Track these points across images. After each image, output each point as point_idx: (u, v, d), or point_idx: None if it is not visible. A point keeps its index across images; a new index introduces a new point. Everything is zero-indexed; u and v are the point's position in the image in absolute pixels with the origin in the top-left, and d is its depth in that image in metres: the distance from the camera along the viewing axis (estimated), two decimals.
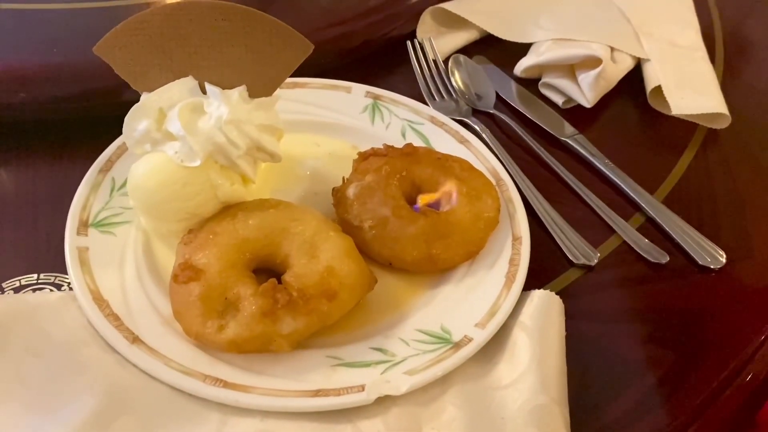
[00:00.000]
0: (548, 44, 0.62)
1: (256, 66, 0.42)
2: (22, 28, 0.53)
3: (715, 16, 0.76)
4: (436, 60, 0.61)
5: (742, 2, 0.80)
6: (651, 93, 0.60)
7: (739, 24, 0.76)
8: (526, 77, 0.62)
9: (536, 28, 0.65)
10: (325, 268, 0.38)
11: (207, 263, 0.38)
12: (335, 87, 0.55)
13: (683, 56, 0.64)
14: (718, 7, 0.77)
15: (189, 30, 0.41)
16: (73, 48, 0.52)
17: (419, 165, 0.46)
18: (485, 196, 0.45)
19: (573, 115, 0.59)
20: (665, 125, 0.60)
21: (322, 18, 0.61)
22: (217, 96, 0.41)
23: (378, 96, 0.55)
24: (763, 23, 0.77)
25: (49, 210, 0.46)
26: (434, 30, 0.65)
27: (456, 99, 0.58)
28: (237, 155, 0.41)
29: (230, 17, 0.41)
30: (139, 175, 0.40)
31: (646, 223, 0.51)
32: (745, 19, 0.77)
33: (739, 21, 0.76)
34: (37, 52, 0.51)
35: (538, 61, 0.60)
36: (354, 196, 0.44)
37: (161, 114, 0.41)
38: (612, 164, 0.54)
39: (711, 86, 0.60)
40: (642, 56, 0.62)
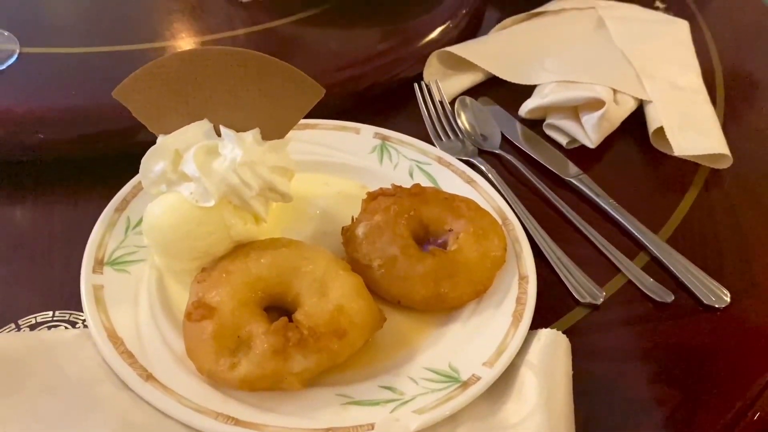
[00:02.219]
0: (552, 86, 0.64)
1: (269, 109, 0.44)
2: (42, 71, 0.55)
3: (715, 57, 0.78)
4: (443, 101, 0.63)
5: (741, 44, 0.82)
6: (653, 134, 0.62)
7: (739, 65, 0.77)
8: (530, 118, 0.63)
9: (540, 70, 0.67)
10: (335, 307, 0.39)
11: (220, 301, 0.38)
12: (344, 128, 0.57)
13: (685, 98, 0.65)
14: (718, 50, 0.79)
15: (205, 75, 0.43)
16: (91, 90, 0.54)
17: (427, 205, 0.47)
18: (492, 235, 0.46)
19: (577, 155, 0.60)
20: (668, 165, 0.61)
21: (333, 61, 0.63)
22: (232, 138, 0.42)
23: (386, 137, 0.56)
24: (763, 64, 0.79)
25: (65, 247, 0.47)
26: (441, 72, 0.67)
27: (462, 139, 0.60)
28: (250, 196, 0.42)
29: (245, 63, 0.43)
30: (155, 214, 0.41)
31: (650, 262, 0.51)
32: (744, 61, 0.79)
33: (739, 62, 0.78)
34: (56, 95, 0.53)
35: (542, 103, 0.62)
36: (363, 236, 0.45)
37: (177, 156, 0.42)
38: (616, 204, 0.54)
39: (712, 127, 0.62)
40: (644, 98, 0.64)
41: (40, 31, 0.60)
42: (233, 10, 0.66)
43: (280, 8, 0.67)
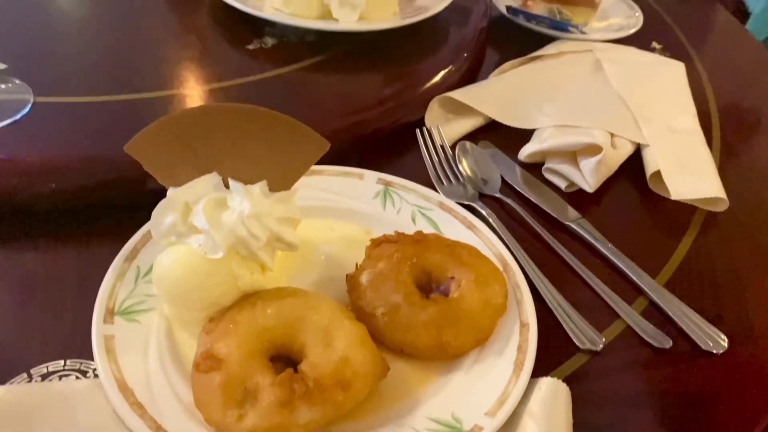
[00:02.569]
0: (550, 131, 0.65)
1: (276, 162, 0.45)
2: (54, 121, 0.57)
3: (711, 99, 0.79)
4: (444, 146, 0.64)
5: (736, 85, 0.84)
6: (651, 177, 0.63)
7: (735, 106, 0.79)
8: (530, 162, 0.65)
9: (539, 114, 0.68)
10: (339, 358, 0.40)
11: (228, 353, 0.39)
12: (348, 174, 0.58)
13: (681, 141, 0.66)
14: (714, 91, 0.81)
15: (214, 130, 0.44)
16: (103, 139, 0.55)
17: (429, 252, 0.48)
18: (493, 282, 0.47)
19: (576, 198, 0.62)
20: (666, 208, 0.62)
21: (339, 107, 0.64)
22: (240, 191, 0.44)
23: (389, 183, 0.57)
24: (758, 105, 0.81)
25: (76, 295, 0.48)
26: (442, 117, 0.69)
27: (463, 183, 0.61)
28: (257, 247, 0.43)
29: (252, 118, 0.44)
30: (164, 266, 0.43)
31: (649, 306, 0.52)
32: (740, 101, 0.81)
33: (734, 103, 0.80)
34: (68, 144, 0.55)
35: (541, 148, 0.63)
36: (367, 283, 0.46)
37: (187, 208, 0.43)
38: (615, 248, 0.56)
39: (709, 170, 0.63)
40: (641, 141, 0.65)
41: (54, 80, 0.61)
42: (241, 57, 0.68)
43: (286, 55, 0.69)
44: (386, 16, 0.74)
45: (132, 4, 0.76)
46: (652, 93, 0.72)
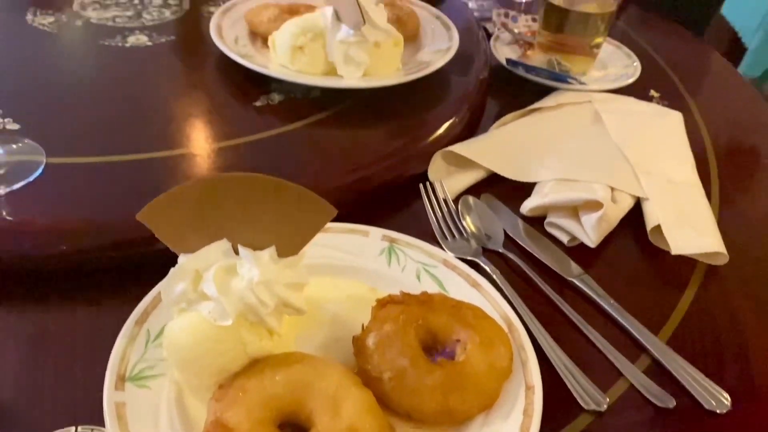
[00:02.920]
0: (551, 184, 0.66)
1: (284, 229, 0.46)
2: (65, 182, 0.58)
3: (709, 148, 0.81)
4: (447, 200, 0.65)
5: (734, 134, 0.85)
6: (651, 231, 0.64)
7: (733, 155, 0.81)
8: (532, 216, 0.66)
9: (540, 167, 0.70)
10: (347, 427, 0.40)
11: (237, 422, 0.40)
12: (354, 231, 0.59)
13: (680, 193, 0.68)
14: (712, 140, 0.82)
15: (224, 198, 0.45)
16: (113, 200, 0.57)
17: (435, 313, 0.49)
18: (498, 344, 0.48)
19: (578, 252, 0.62)
20: (666, 262, 0.63)
21: (345, 163, 0.66)
22: (249, 258, 0.45)
23: (394, 240, 0.58)
24: (756, 155, 0.82)
25: (87, 357, 0.48)
26: (444, 170, 0.70)
27: (467, 238, 0.62)
28: (266, 313, 0.44)
29: (261, 187, 0.45)
30: (175, 333, 0.43)
31: (652, 364, 0.53)
32: (737, 151, 0.82)
33: (732, 152, 0.81)
34: (79, 206, 0.56)
35: (542, 203, 0.64)
36: (373, 346, 0.47)
37: (197, 275, 0.44)
38: (617, 305, 0.56)
39: (708, 224, 0.64)
40: (641, 195, 0.66)
41: (65, 140, 0.63)
42: (248, 114, 0.70)
43: (293, 112, 0.71)
44: (389, 71, 0.76)
45: (141, 63, 0.78)
46: (650, 145, 0.74)
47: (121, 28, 0.83)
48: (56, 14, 0.85)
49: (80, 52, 0.78)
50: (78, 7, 0.87)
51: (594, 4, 0.87)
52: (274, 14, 0.79)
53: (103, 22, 0.84)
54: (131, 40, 0.80)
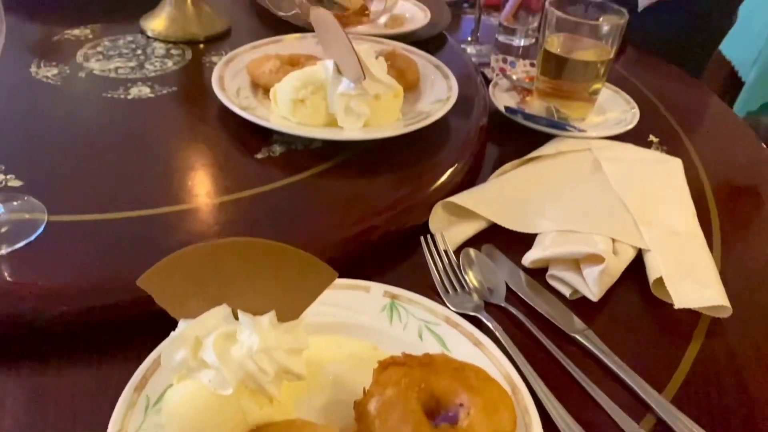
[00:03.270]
0: (552, 236, 0.66)
1: (285, 293, 0.46)
2: (66, 241, 0.58)
3: (710, 195, 0.81)
4: (448, 252, 0.65)
5: (732, 179, 0.86)
6: (654, 283, 0.64)
7: (733, 203, 0.81)
8: (533, 268, 0.66)
9: (540, 218, 0.70)
10: None
11: None
12: (355, 287, 0.59)
13: (682, 244, 0.67)
14: (712, 187, 0.82)
15: (224, 263, 0.45)
16: (113, 260, 0.57)
17: (437, 376, 0.49)
18: (502, 408, 0.47)
19: (580, 305, 0.62)
20: (670, 314, 0.62)
21: (347, 215, 0.66)
22: (249, 324, 0.44)
23: (395, 296, 0.58)
24: (757, 202, 0.82)
25: (87, 422, 0.48)
26: (445, 220, 0.70)
27: (469, 292, 0.62)
28: (266, 381, 0.44)
29: (261, 251, 0.45)
30: (174, 403, 0.43)
31: (657, 424, 0.52)
32: (738, 198, 0.82)
33: (733, 199, 0.81)
34: (79, 266, 0.56)
35: (543, 255, 0.64)
36: (375, 412, 0.46)
37: (197, 342, 0.44)
38: (621, 362, 0.56)
39: (711, 276, 0.64)
40: (643, 247, 0.66)
41: (66, 196, 0.63)
42: (250, 167, 0.70)
43: (294, 163, 0.71)
44: (390, 122, 0.77)
45: (143, 116, 0.78)
46: (651, 194, 0.74)
47: (124, 80, 0.84)
48: (60, 66, 0.86)
49: (83, 105, 0.79)
50: (81, 59, 0.88)
51: (591, 51, 0.88)
52: (276, 66, 0.80)
53: (105, 74, 0.85)
54: (133, 91, 0.81)
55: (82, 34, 0.95)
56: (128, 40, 0.94)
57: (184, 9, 0.96)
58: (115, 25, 0.99)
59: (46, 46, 0.92)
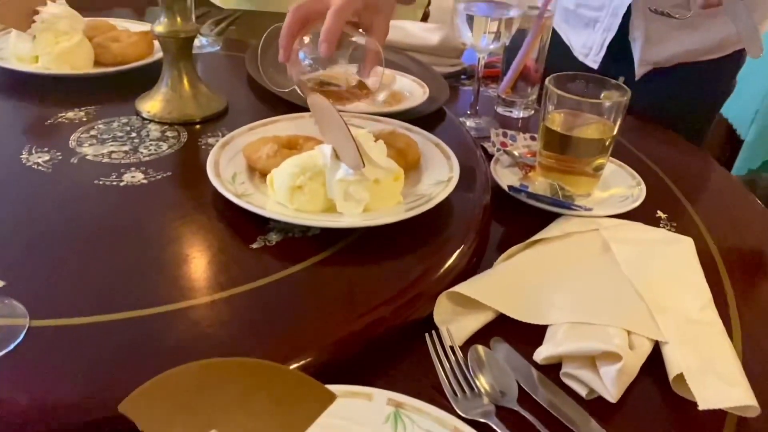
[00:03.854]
0: (565, 329, 0.63)
1: (280, 417, 0.42)
2: (49, 348, 0.55)
3: (725, 276, 0.78)
4: (455, 350, 0.62)
5: (749, 260, 0.83)
6: (674, 380, 0.60)
7: (750, 284, 0.77)
8: (546, 364, 0.62)
9: (550, 308, 0.66)
10: None
11: None
12: (356, 394, 0.55)
13: (701, 335, 0.64)
14: (727, 268, 0.79)
15: (213, 385, 0.42)
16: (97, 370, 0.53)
17: None
18: None
19: (598, 405, 0.58)
20: (693, 413, 0.57)
21: (347, 311, 0.63)
22: None
23: (400, 404, 0.54)
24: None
25: None
26: (450, 312, 0.66)
27: (478, 394, 0.58)
28: None
29: (256, 373, 0.42)
30: None
31: None
32: (754, 279, 0.79)
33: (749, 280, 0.78)
34: (60, 379, 0.52)
35: (556, 352, 0.61)
36: None
37: None
38: None
39: (735, 371, 0.60)
40: (660, 339, 0.63)
41: (52, 298, 0.60)
42: (245, 259, 0.67)
43: (291, 253, 0.68)
44: (391, 205, 0.75)
45: (134, 205, 0.76)
46: (664, 278, 0.71)
47: (117, 165, 0.82)
48: (52, 151, 0.84)
49: (73, 194, 0.76)
50: (74, 143, 0.86)
51: (594, 127, 0.86)
52: (273, 150, 0.78)
53: (98, 159, 0.83)
54: (126, 177, 0.79)
55: (77, 117, 0.94)
56: (123, 123, 0.93)
57: (180, 90, 0.95)
58: (110, 106, 0.98)
59: (39, 131, 0.90)
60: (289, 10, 0.84)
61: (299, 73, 0.85)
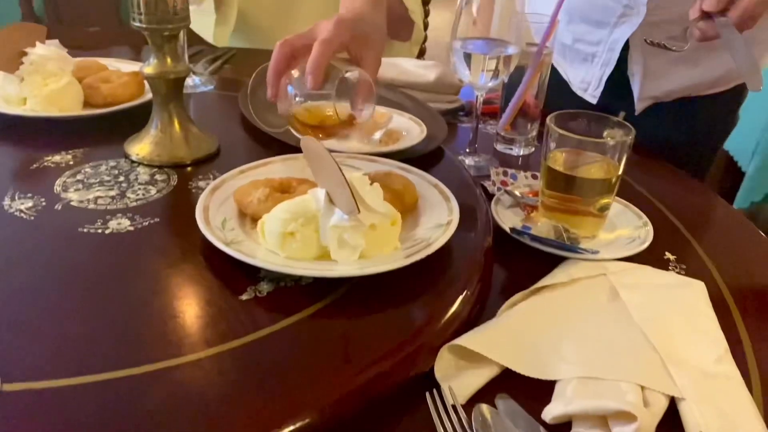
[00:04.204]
0: (574, 384, 0.59)
1: None
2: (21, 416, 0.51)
3: (739, 323, 0.74)
4: (458, 409, 0.58)
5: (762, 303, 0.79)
6: None
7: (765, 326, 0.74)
8: (555, 423, 0.58)
9: (559, 361, 0.63)
10: None
11: None
12: None
13: (719, 390, 0.60)
14: (741, 314, 0.75)
15: None
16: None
17: None
18: None
19: None
20: None
21: (344, 368, 0.59)
22: None
23: None
24: None
25: None
26: (453, 366, 0.63)
27: None
28: None
29: None
30: None
31: None
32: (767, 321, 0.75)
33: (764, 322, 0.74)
34: None
35: (566, 411, 0.57)
36: None
37: None
38: None
39: (756, 426, 0.56)
40: (676, 394, 0.59)
41: (27, 358, 0.56)
42: (234, 312, 0.63)
43: (283, 304, 0.65)
44: (388, 251, 0.71)
45: (119, 254, 0.72)
46: (677, 327, 0.67)
47: (103, 211, 0.78)
48: (36, 197, 0.81)
49: (55, 243, 0.73)
50: (60, 188, 0.83)
51: (598, 166, 0.84)
52: (264, 194, 0.75)
53: (84, 205, 0.80)
54: (112, 224, 0.76)
55: (63, 161, 0.91)
56: (111, 166, 0.90)
57: (170, 132, 0.92)
58: (99, 149, 0.95)
59: (24, 175, 0.87)
60: (276, 46, 0.82)
61: (289, 107, 0.83)
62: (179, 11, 0.86)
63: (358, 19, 0.84)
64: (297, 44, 0.81)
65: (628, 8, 1.17)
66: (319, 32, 0.81)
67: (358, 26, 0.83)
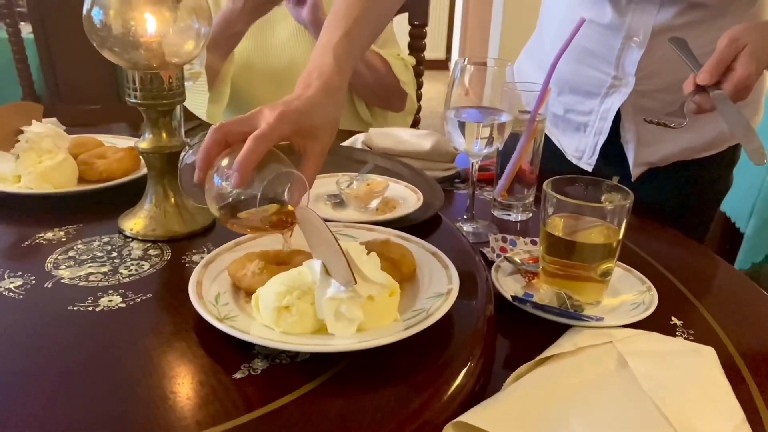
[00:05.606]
0: None
1: None
2: None
3: (753, 387, 0.71)
4: None
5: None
6: None
7: None
8: None
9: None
10: None
11: None
12: None
13: None
14: (753, 377, 0.73)
15: None
16: None
17: None
18: None
19: None
20: None
21: None
22: None
23: None
24: None
25: None
26: None
27: None
28: None
29: None
30: None
31: None
32: None
33: None
34: None
35: None
36: None
37: None
38: None
39: None
40: None
41: None
42: (225, 392, 0.61)
43: (278, 382, 0.62)
44: (386, 323, 0.69)
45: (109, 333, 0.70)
46: (690, 396, 0.64)
47: (94, 288, 0.77)
48: (26, 275, 0.79)
49: (43, 322, 0.71)
50: (51, 266, 0.82)
51: (598, 230, 0.82)
52: (259, 267, 0.73)
53: (75, 282, 0.78)
54: (103, 302, 0.74)
55: (56, 237, 0.90)
56: (104, 242, 0.89)
57: (164, 206, 0.91)
58: (92, 225, 0.94)
59: (15, 253, 0.86)
60: (210, 129, 0.75)
61: (213, 201, 0.76)
62: (174, 87, 0.86)
63: (305, 110, 0.78)
64: (233, 130, 0.75)
65: (616, 79, 1.19)
66: (259, 121, 0.74)
67: (304, 118, 0.77)
